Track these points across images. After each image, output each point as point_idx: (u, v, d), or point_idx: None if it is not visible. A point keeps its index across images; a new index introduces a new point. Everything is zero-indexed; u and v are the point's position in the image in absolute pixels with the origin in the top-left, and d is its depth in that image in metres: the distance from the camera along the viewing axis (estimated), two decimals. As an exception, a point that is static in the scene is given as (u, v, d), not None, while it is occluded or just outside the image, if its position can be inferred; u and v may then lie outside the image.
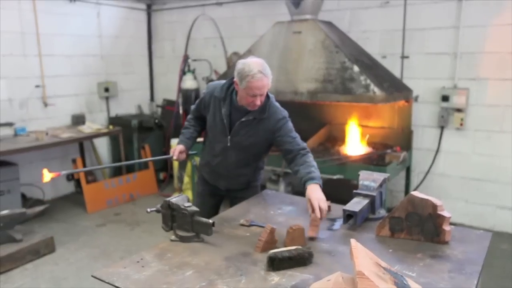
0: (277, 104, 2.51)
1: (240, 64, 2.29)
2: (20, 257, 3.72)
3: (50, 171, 2.36)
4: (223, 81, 2.51)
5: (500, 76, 4.23)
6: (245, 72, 2.24)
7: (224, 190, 2.70)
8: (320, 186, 2.23)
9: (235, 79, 2.33)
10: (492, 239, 2.05)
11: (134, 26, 6.42)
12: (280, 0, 4.81)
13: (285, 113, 2.50)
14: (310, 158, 2.40)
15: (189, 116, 2.75)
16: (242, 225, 2.23)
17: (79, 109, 5.76)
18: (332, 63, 4.02)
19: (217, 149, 2.55)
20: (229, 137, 2.46)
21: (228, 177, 2.62)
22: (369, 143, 4.61)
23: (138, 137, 5.90)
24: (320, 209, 2.06)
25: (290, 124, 2.49)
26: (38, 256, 3.86)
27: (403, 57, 4.63)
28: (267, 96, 2.42)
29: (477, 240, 2.03)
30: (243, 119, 2.41)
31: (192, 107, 2.74)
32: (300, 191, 2.87)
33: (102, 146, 6.11)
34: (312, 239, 2.03)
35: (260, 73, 2.23)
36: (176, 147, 2.60)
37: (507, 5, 4.11)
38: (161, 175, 6.11)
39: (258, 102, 2.33)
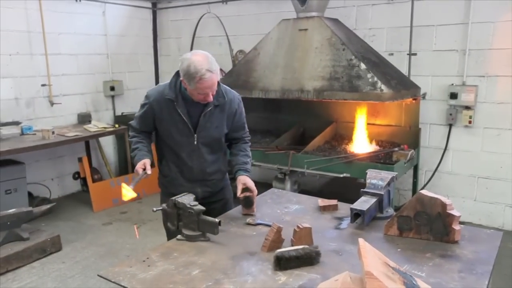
0: (227, 87, 2.47)
1: (185, 62, 2.14)
2: (27, 255, 3.74)
3: (128, 185, 2.12)
4: (164, 83, 2.38)
5: (510, 73, 4.17)
6: (192, 74, 2.11)
7: (201, 198, 2.43)
8: (250, 178, 2.43)
9: (182, 78, 2.19)
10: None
11: (140, 25, 6.42)
12: (286, -3, 4.78)
13: (239, 95, 2.52)
14: (249, 147, 2.58)
15: (133, 133, 2.48)
16: (248, 224, 2.21)
17: (85, 107, 5.77)
18: (339, 61, 3.98)
19: (184, 154, 2.39)
20: (195, 135, 2.34)
21: (204, 181, 2.47)
22: (376, 141, 4.58)
23: (144, 136, 5.89)
24: (252, 190, 2.34)
25: (243, 107, 2.53)
26: (45, 255, 3.88)
27: (411, 54, 4.58)
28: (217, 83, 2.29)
29: (487, 240, 1.99)
30: (206, 110, 2.30)
31: (132, 123, 2.50)
32: (307, 190, 2.85)
33: (108, 144, 6.13)
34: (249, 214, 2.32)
35: (208, 71, 2.12)
36: (145, 161, 2.31)
37: (517, 1, 4.05)
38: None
39: (210, 98, 2.23)
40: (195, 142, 2.36)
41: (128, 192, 2.11)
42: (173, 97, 2.29)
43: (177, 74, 2.29)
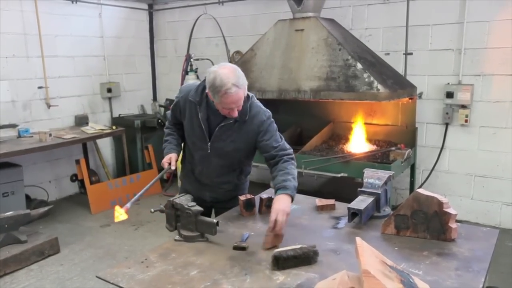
0: (259, 103, 2.31)
1: (211, 74, 2.06)
2: (25, 258, 3.72)
3: (120, 206, 2.06)
4: (197, 83, 2.33)
5: (505, 71, 4.19)
6: (217, 87, 2.02)
7: (209, 201, 2.49)
8: (292, 197, 2.09)
9: (207, 90, 2.12)
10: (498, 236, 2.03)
11: (136, 26, 6.42)
12: (282, -2, 4.79)
13: (268, 113, 2.30)
14: (292, 165, 2.22)
15: (167, 123, 2.52)
16: (237, 247, 1.94)
17: (82, 110, 5.76)
18: (335, 61, 3.99)
19: (197, 157, 2.39)
20: (209, 143, 2.29)
21: (212, 187, 2.45)
22: (373, 141, 4.60)
23: (141, 137, 5.90)
24: (276, 221, 1.92)
25: (274, 126, 2.30)
26: (43, 257, 3.87)
27: (407, 53, 4.59)
28: (247, 96, 2.20)
29: (484, 238, 2.01)
30: (222, 123, 2.22)
31: (168, 113, 2.53)
32: (304, 190, 2.86)
33: (106, 146, 6.12)
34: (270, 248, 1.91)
35: (234, 86, 2.02)
36: (171, 155, 2.34)
37: None
38: (165, 175, 6.09)
39: (235, 113, 2.14)
40: (208, 151, 2.32)
41: (120, 215, 2.04)
42: (196, 100, 2.24)
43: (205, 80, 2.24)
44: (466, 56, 4.35)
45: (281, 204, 2.00)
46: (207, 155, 2.34)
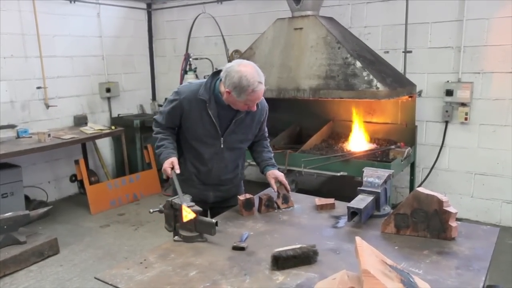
0: None
1: (235, 74, 2.11)
2: (24, 259, 3.72)
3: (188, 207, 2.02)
4: (197, 82, 2.37)
5: (505, 69, 4.18)
6: (244, 86, 2.10)
7: (211, 202, 2.51)
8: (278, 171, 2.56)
9: (227, 89, 2.15)
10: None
11: (135, 26, 6.40)
12: (280, -4, 4.78)
13: (266, 103, 2.49)
14: (268, 142, 2.66)
15: (158, 129, 2.43)
16: (236, 247, 1.96)
17: (81, 110, 5.75)
18: (334, 59, 3.99)
19: (207, 155, 2.38)
20: (222, 138, 2.33)
21: (217, 186, 2.48)
22: (373, 139, 4.59)
23: (140, 137, 5.89)
24: (284, 182, 2.46)
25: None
26: (42, 258, 3.86)
27: (406, 51, 4.58)
28: None
29: (484, 236, 2.00)
30: (238, 117, 2.30)
31: (157, 117, 2.45)
32: (304, 189, 2.86)
33: (105, 146, 6.11)
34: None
35: (260, 84, 2.13)
36: (172, 159, 2.31)
37: (511, -3, 4.06)
38: (164, 175, 6.08)
39: (255, 107, 2.26)
40: (221, 146, 2.35)
41: (188, 214, 2.02)
42: (206, 98, 2.26)
43: (213, 75, 2.29)
44: (466, 54, 4.34)
45: (278, 173, 2.48)
46: (219, 150, 2.37)
